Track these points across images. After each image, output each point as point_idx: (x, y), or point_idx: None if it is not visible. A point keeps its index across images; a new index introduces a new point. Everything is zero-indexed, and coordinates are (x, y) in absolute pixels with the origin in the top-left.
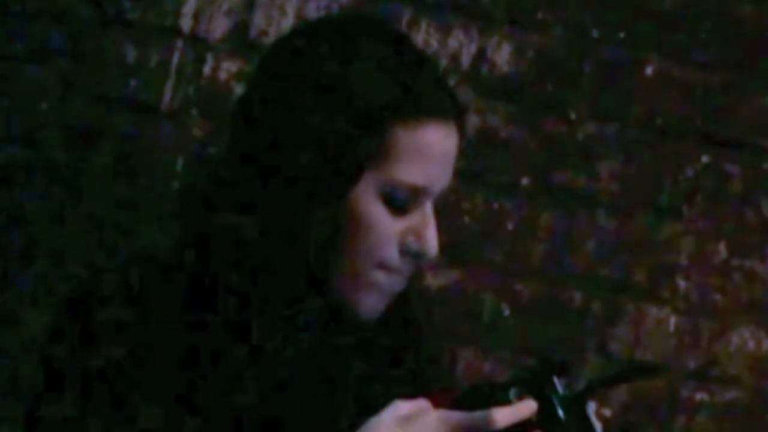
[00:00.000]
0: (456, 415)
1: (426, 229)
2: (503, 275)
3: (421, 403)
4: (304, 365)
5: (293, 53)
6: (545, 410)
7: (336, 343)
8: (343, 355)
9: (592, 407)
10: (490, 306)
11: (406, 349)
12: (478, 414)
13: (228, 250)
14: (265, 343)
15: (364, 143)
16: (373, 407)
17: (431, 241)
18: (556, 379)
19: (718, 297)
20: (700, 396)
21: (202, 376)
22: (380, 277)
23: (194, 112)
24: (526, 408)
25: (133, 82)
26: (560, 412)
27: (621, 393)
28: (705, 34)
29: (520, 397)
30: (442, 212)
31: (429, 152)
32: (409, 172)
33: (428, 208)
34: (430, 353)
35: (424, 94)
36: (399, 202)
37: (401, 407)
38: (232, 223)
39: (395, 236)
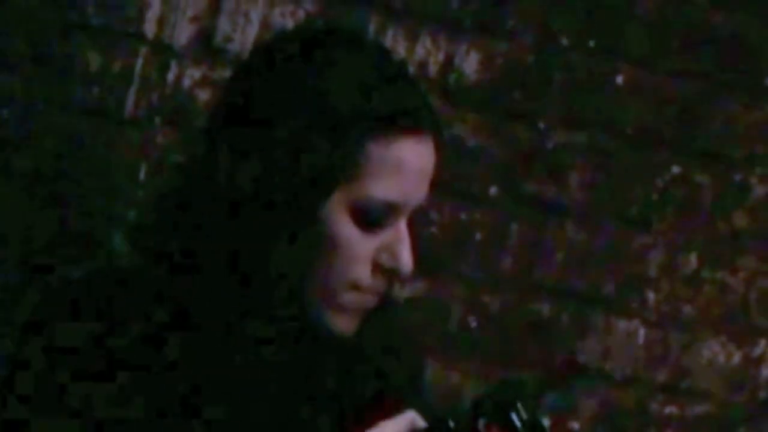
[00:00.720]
0: None
1: (400, 246)
2: (471, 286)
3: (395, 429)
4: (277, 381)
5: (267, 66)
6: None
7: (310, 360)
8: (319, 371)
9: (547, 422)
10: (457, 317)
11: (385, 364)
12: None
13: (201, 264)
14: (237, 358)
15: (336, 159)
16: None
17: (405, 259)
18: (519, 404)
19: (688, 309)
20: (669, 410)
21: (172, 390)
22: (352, 296)
23: (158, 119)
24: None
25: (96, 89)
26: None
27: (589, 406)
28: (676, 43)
29: (488, 427)
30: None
31: (404, 168)
32: (382, 188)
33: (402, 224)
34: (409, 366)
35: (398, 108)
36: (372, 218)
37: None
38: (202, 238)
39: (368, 254)
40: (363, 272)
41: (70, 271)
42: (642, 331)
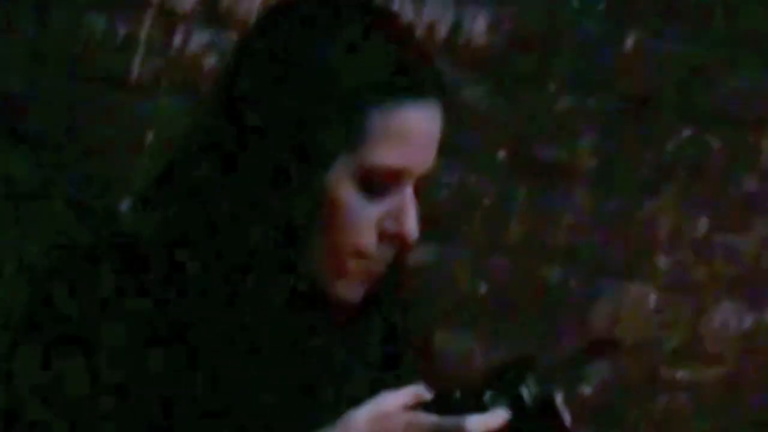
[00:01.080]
0: (428, 420)
1: (405, 213)
2: (480, 251)
3: (399, 400)
4: (283, 350)
5: (270, 33)
6: (517, 409)
7: (317, 328)
8: (325, 339)
9: (559, 398)
10: (465, 283)
11: (393, 334)
12: (450, 420)
13: (206, 233)
14: (242, 326)
15: (339, 126)
16: (355, 396)
17: (410, 226)
18: (530, 378)
19: (699, 273)
20: (680, 374)
21: (179, 358)
22: (358, 263)
23: (164, 84)
24: (498, 417)
25: (101, 55)
26: (532, 411)
27: (600, 372)
28: (686, 7)
29: (495, 400)
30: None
31: (408, 135)
32: (387, 155)
33: (408, 191)
34: (417, 333)
35: (402, 74)
36: (377, 186)
37: (380, 405)
38: (209, 205)
39: (373, 221)
40: (368, 239)
41: (77, 237)
42: (653, 296)
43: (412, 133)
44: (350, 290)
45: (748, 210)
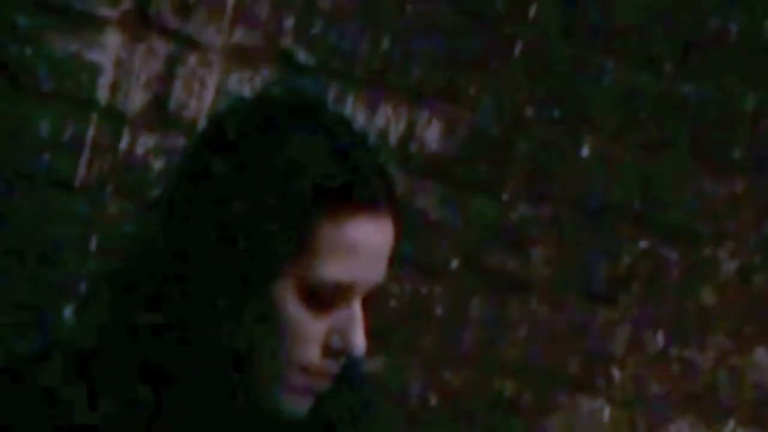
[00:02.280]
0: None
1: (351, 329)
2: (431, 363)
3: None
4: None
5: (219, 141)
6: None
7: None
8: None
9: None
10: (416, 395)
11: None
12: None
13: (149, 342)
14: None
15: (285, 238)
16: None
17: (357, 342)
18: None
19: (655, 388)
20: None
21: None
22: (302, 379)
23: (109, 188)
24: None
25: (46, 156)
26: None
27: None
28: (645, 114)
29: None
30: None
31: (357, 248)
32: (333, 269)
33: (356, 305)
34: None
35: (350, 186)
36: (323, 300)
37: None
38: (153, 314)
39: (318, 336)
40: (312, 354)
41: (18, 344)
42: (607, 411)
43: (361, 246)
44: (295, 403)
45: (705, 324)
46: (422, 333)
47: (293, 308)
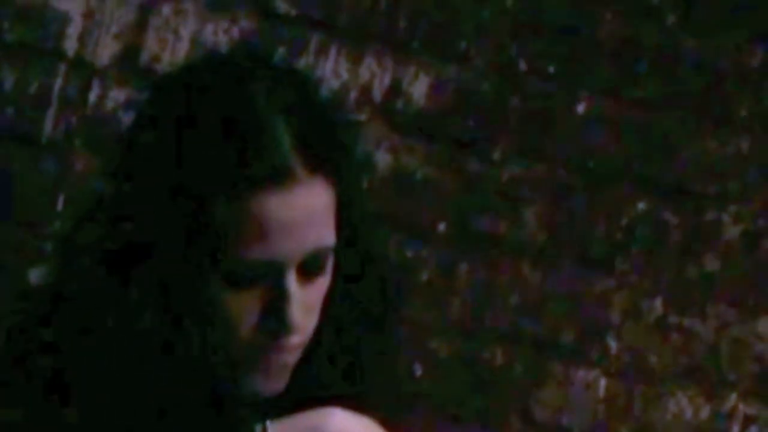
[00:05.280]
0: None
1: (279, 305)
2: (417, 331)
3: None
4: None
5: (150, 107)
6: None
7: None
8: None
9: None
10: (401, 365)
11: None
12: None
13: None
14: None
15: (192, 223)
16: None
17: (285, 319)
18: None
19: (653, 359)
20: None
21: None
22: (255, 359)
23: (78, 143)
24: None
25: (10, 110)
26: None
27: None
28: (643, 69)
29: None
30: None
31: (262, 227)
32: (246, 248)
33: (286, 280)
34: None
35: (246, 162)
36: (245, 280)
37: None
38: (93, 282)
39: (251, 318)
40: (249, 335)
41: None
42: (603, 383)
43: (271, 223)
44: (268, 383)
45: (707, 292)
46: (408, 299)
47: (220, 292)
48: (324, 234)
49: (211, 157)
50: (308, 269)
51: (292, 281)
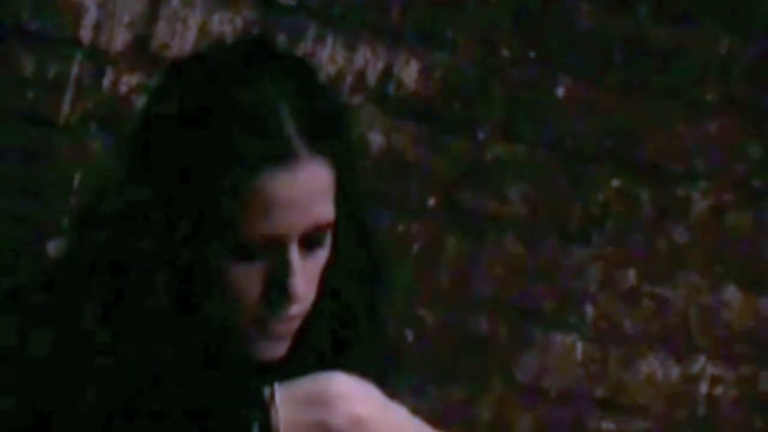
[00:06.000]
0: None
1: (284, 278)
2: (407, 299)
3: None
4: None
5: (161, 91)
6: None
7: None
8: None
9: None
10: (393, 331)
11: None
12: None
13: (103, 282)
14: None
15: (203, 198)
16: None
17: (291, 288)
18: None
19: (627, 325)
20: (606, 426)
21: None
22: (259, 327)
23: (93, 126)
24: None
25: (30, 95)
26: None
27: (526, 423)
28: (618, 57)
29: None
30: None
31: (267, 203)
32: (251, 225)
33: (289, 253)
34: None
35: (248, 145)
36: (251, 253)
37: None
38: (109, 254)
39: (256, 287)
40: (255, 306)
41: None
42: (580, 347)
43: (274, 200)
44: (269, 349)
45: (677, 262)
46: (399, 270)
47: (227, 265)
48: (324, 210)
49: (222, 137)
50: (309, 243)
51: (294, 254)
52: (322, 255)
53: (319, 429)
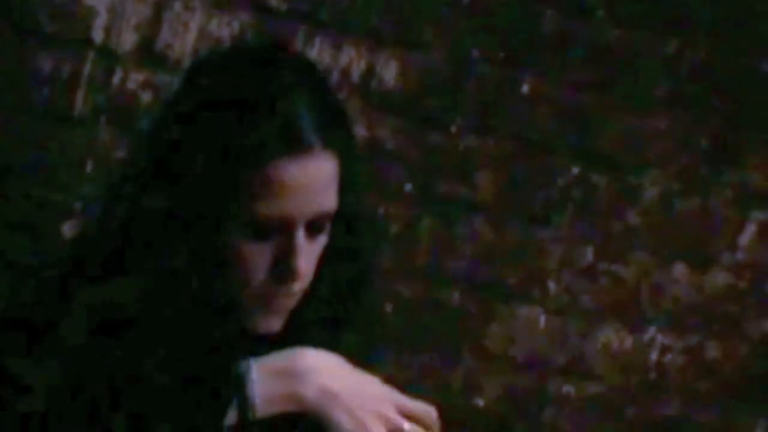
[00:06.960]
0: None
1: (290, 257)
2: (387, 275)
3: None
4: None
5: (184, 88)
6: None
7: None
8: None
9: None
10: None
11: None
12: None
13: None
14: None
15: (223, 181)
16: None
17: (294, 268)
18: None
19: (585, 299)
20: (566, 389)
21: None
22: (261, 301)
23: (103, 118)
24: None
25: (47, 91)
26: None
27: (493, 386)
28: (577, 56)
29: None
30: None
31: (281, 188)
32: (265, 206)
33: (296, 234)
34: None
35: (268, 135)
36: (262, 233)
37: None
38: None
39: (264, 264)
40: (259, 282)
41: (20, 259)
42: (543, 319)
43: (285, 186)
44: (266, 323)
45: (630, 243)
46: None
47: (239, 242)
48: (329, 199)
49: (245, 127)
50: (313, 228)
51: (300, 236)
52: (322, 240)
53: (292, 400)
